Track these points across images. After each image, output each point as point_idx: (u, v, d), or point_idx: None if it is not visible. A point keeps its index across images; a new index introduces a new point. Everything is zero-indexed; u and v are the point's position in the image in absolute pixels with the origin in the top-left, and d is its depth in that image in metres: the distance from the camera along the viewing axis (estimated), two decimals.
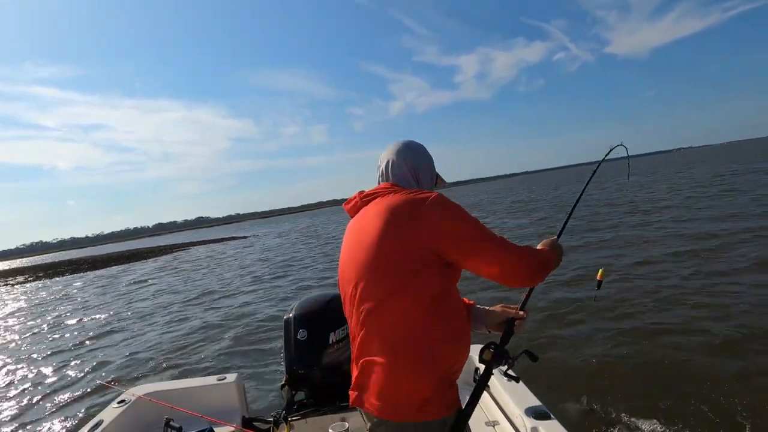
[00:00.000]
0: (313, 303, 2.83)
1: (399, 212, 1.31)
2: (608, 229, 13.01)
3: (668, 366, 4.31)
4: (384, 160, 1.55)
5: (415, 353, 1.27)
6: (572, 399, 3.86)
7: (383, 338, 1.30)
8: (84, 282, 21.09)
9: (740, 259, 7.56)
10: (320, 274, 13.13)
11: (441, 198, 1.31)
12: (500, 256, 1.29)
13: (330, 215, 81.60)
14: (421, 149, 1.57)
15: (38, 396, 5.80)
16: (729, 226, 10.42)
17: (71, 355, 7.72)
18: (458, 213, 1.30)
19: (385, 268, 1.28)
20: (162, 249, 48.70)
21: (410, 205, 1.31)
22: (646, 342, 4.90)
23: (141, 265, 30.45)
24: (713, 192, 18.28)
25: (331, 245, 21.76)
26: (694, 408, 3.56)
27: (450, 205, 1.31)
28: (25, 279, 34.87)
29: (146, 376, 5.99)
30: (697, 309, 5.64)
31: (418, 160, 1.54)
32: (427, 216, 1.28)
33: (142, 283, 17.32)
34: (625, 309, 6.05)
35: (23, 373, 6.98)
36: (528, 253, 1.34)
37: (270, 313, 8.69)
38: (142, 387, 2.90)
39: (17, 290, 22.08)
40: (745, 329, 4.83)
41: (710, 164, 44.22)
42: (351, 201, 1.51)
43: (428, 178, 1.56)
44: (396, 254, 1.28)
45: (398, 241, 1.28)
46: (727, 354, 4.37)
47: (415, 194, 1.34)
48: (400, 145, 1.57)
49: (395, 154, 1.53)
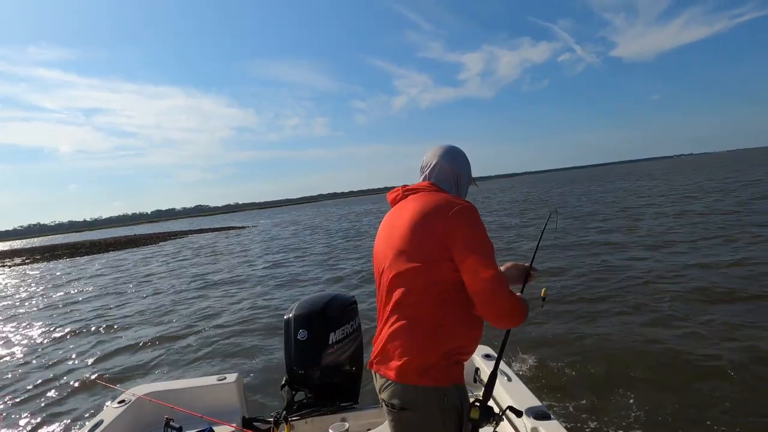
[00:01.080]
0: (313, 303, 2.82)
1: (433, 208, 1.50)
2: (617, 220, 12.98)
3: (669, 366, 4.31)
4: (430, 161, 1.71)
5: (425, 330, 1.47)
6: (572, 399, 3.86)
7: (401, 313, 1.51)
8: (81, 266, 21.10)
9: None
10: (321, 273, 13.12)
11: (470, 209, 1.49)
12: (487, 280, 1.38)
13: (331, 208, 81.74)
14: (463, 157, 1.74)
15: (37, 396, 5.76)
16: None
17: (70, 352, 7.70)
18: (476, 226, 1.47)
19: (412, 252, 1.48)
20: (159, 236, 48.74)
21: (444, 205, 1.49)
22: (647, 342, 4.90)
23: (138, 251, 30.45)
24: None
25: (334, 238, 21.79)
26: (694, 408, 3.57)
27: (473, 217, 1.48)
28: (22, 261, 35.11)
29: (143, 375, 5.97)
30: (703, 307, 5.64)
31: (460, 168, 1.71)
32: (452, 217, 1.45)
33: (137, 273, 17.31)
34: (625, 308, 6.06)
35: (21, 371, 6.96)
36: (511, 297, 1.40)
37: (270, 312, 8.69)
38: (142, 387, 2.90)
39: (14, 272, 22.04)
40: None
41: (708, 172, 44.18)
42: (394, 192, 1.72)
43: (466, 183, 1.75)
44: (422, 243, 1.47)
45: (425, 232, 1.47)
46: (730, 355, 4.36)
47: (451, 199, 1.53)
48: (446, 150, 1.73)
49: (442, 158, 1.70)
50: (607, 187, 35.02)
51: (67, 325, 9.98)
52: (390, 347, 1.52)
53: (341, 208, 72.78)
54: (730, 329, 4.93)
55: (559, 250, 10.59)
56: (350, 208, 67.48)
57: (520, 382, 2.42)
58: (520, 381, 2.43)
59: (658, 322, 5.42)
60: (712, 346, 4.58)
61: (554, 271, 8.55)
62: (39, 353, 7.88)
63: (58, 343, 8.44)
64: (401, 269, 1.50)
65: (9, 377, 6.69)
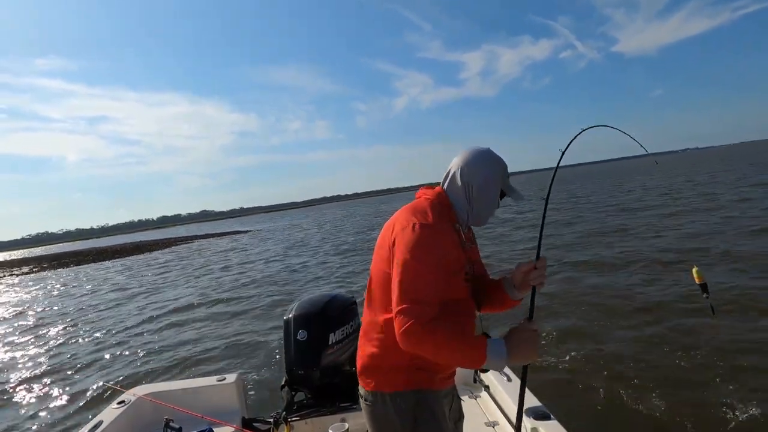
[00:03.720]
0: (313, 303, 2.82)
1: (397, 218, 1.48)
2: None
3: (670, 366, 4.28)
4: (449, 168, 1.55)
5: (385, 343, 1.44)
6: (572, 399, 3.85)
7: (366, 316, 1.56)
8: (85, 274, 21.16)
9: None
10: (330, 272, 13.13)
11: (420, 230, 1.37)
12: (396, 312, 1.30)
13: (336, 210, 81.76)
14: (481, 164, 1.50)
15: (37, 396, 5.80)
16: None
17: (70, 352, 7.74)
18: (413, 249, 1.34)
19: (376, 260, 1.51)
20: (165, 242, 49.00)
21: (402, 219, 1.45)
22: (647, 342, 4.86)
23: (143, 257, 30.64)
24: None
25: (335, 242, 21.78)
26: (694, 408, 3.53)
27: (417, 241, 1.35)
28: (30, 269, 35.61)
29: (143, 376, 5.98)
30: (701, 306, 5.60)
31: (473, 178, 1.49)
32: (398, 234, 1.41)
33: (141, 277, 17.37)
34: (625, 307, 6.03)
35: (20, 372, 6.99)
36: (420, 340, 1.27)
37: (271, 311, 8.70)
38: (142, 387, 2.91)
39: (20, 281, 22.10)
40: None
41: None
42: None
43: (484, 197, 1.50)
44: (381, 252, 1.48)
45: (384, 242, 1.48)
46: (733, 355, 4.32)
47: (416, 213, 1.43)
48: (464, 156, 1.53)
49: (457, 165, 1.52)
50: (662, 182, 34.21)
51: (67, 325, 10.03)
52: (360, 358, 1.56)
53: (344, 209, 72.91)
54: (731, 329, 4.88)
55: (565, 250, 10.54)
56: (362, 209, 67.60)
57: (520, 381, 2.41)
58: (520, 381, 2.42)
59: (658, 322, 5.37)
60: (713, 345, 4.54)
61: (556, 268, 8.52)
62: (39, 353, 7.92)
63: (58, 344, 8.48)
64: (371, 274, 1.53)
65: (9, 377, 6.72)
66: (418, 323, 1.26)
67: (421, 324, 1.26)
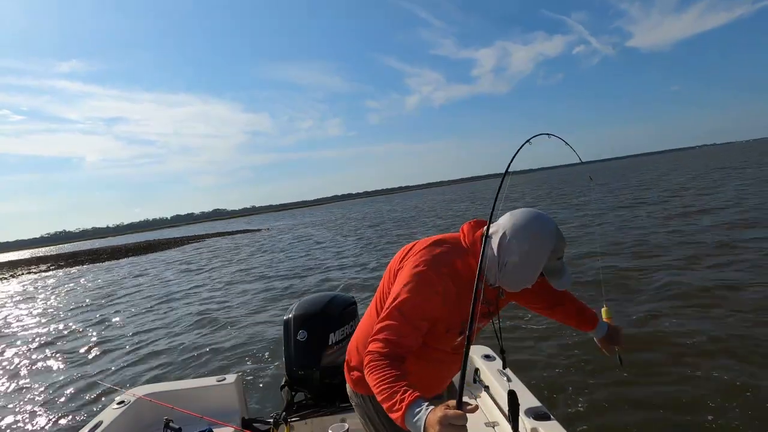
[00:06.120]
0: (313, 304, 2.81)
1: (413, 251, 1.54)
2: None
3: (670, 366, 4.20)
4: (495, 227, 1.42)
5: (364, 338, 1.56)
6: (572, 399, 3.80)
7: (361, 324, 1.73)
8: (98, 273, 21.46)
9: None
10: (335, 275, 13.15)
11: (424, 277, 1.40)
12: (376, 330, 1.38)
13: (345, 209, 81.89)
14: (522, 239, 1.36)
15: (37, 396, 5.82)
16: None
17: (71, 353, 7.79)
18: (411, 283, 1.39)
19: (384, 280, 1.61)
20: (178, 240, 49.55)
21: (418, 254, 1.49)
22: (648, 342, 4.77)
23: (156, 256, 31.02)
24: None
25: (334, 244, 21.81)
26: (694, 407, 3.47)
27: (420, 276, 1.40)
28: (47, 267, 36.52)
29: (143, 376, 6.00)
30: (704, 309, 5.48)
31: (509, 251, 1.36)
32: (407, 266, 1.47)
33: (151, 277, 17.53)
34: (625, 310, 5.91)
35: (21, 372, 7.05)
36: (370, 361, 1.33)
37: (271, 311, 8.71)
38: (142, 387, 2.91)
39: (33, 279, 22.49)
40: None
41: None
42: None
43: (518, 275, 1.38)
44: (389, 279, 1.58)
45: (394, 267, 1.57)
46: (734, 356, 4.22)
47: (432, 255, 1.46)
48: (513, 221, 1.40)
49: (503, 229, 1.39)
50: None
51: (68, 326, 10.14)
52: (349, 345, 1.76)
53: (350, 209, 72.82)
54: (730, 331, 4.76)
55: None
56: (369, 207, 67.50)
57: (520, 382, 2.38)
58: (519, 381, 2.38)
59: (658, 322, 5.27)
60: (712, 344, 4.47)
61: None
62: (39, 354, 8.00)
63: (58, 345, 8.56)
64: (380, 284, 1.64)
65: (9, 377, 6.79)
66: (372, 359, 1.33)
67: (371, 360, 1.32)
